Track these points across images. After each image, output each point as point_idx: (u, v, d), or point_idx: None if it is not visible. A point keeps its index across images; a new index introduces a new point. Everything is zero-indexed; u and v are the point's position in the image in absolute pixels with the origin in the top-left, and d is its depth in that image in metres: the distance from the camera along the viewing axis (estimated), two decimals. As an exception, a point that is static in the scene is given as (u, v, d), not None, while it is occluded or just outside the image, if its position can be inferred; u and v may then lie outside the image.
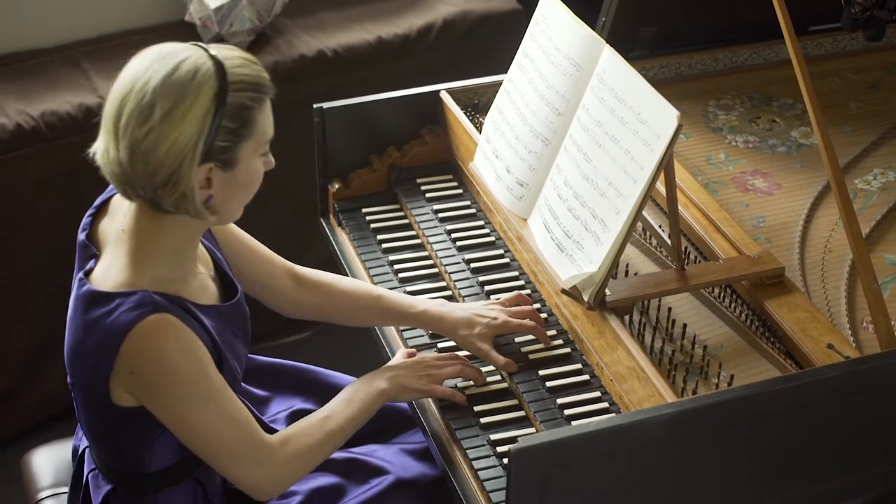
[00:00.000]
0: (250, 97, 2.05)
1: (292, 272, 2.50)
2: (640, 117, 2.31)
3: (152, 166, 2.01)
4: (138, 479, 2.25)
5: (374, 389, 2.35)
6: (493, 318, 2.44)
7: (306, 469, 2.28)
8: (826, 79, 3.20)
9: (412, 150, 2.95)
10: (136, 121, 2.00)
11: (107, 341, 2.06)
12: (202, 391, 2.11)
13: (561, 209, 2.47)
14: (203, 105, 2.00)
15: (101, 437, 2.24)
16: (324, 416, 2.31)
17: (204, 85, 2.00)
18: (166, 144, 1.99)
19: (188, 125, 1.99)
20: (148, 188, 2.04)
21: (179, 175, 2.02)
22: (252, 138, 2.08)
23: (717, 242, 2.55)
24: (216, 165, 2.05)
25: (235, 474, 2.21)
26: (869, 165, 2.91)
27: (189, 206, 2.06)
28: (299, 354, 3.79)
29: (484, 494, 2.22)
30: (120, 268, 2.11)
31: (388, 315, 2.52)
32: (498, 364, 2.40)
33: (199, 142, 2.01)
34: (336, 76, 3.73)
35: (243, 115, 2.05)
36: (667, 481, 2.17)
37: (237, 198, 2.14)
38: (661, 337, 2.43)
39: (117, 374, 2.08)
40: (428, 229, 2.79)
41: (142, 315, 2.05)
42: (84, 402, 2.19)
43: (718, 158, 2.92)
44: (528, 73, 2.66)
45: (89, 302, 2.09)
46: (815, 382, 2.16)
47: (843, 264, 2.59)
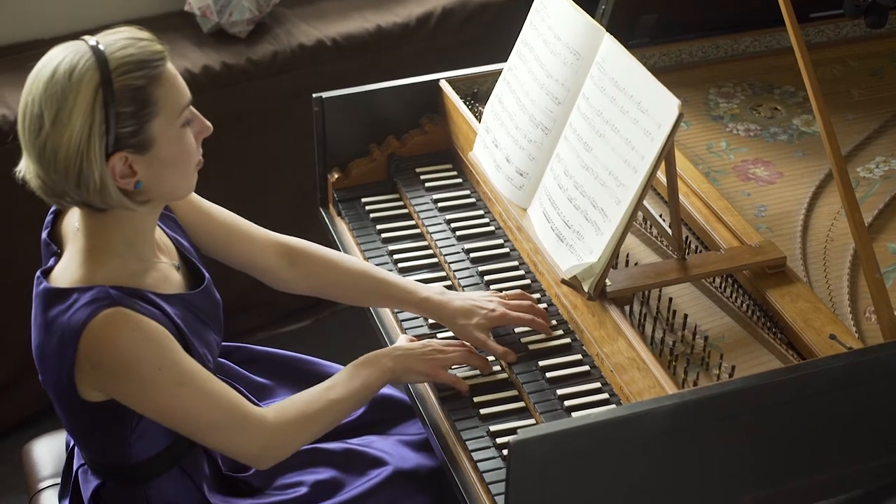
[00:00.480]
0: (139, 76, 2.02)
1: (284, 249, 2.47)
2: (641, 106, 2.30)
3: (61, 171, 2.01)
4: (124, 471, 2.25)
5: (379, 366, 2.33)
6: (491, 310, 2.43)
7: (305, 436, 2.27)
8: (828, 66, 3.18)
9: (412, 140, 2.94)
10: (33, 133, 2.01)
11: (64, 339, 2.06)
12: (171, 376, 2.09)
13: (561, 199, 2.46)
14: (85, 100, 1.98)
15: (80, 433, 2.24)
16: (326, 387, 2.30)
17: (83, 80, 1.99)
18: (63, 147, 1.99)
19: (75, 122, 1.98)
20: (71, 193, 2.04)
21: (85, 172, 2.01)
22: (159, 115, 2.05)
23: (718, 232, 2.53)
24: (129, 152, 2.04)
25: (226, 447, 2.21)
26: (871, 153, 2.89)
27: (110, 200, 2.05)
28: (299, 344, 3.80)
29: (483, 486, 2.21)
30: (77, 265, 2.11)
31: (388, 300, 2.51)
32: (496, 353, 2.39)
33: (93, 135, 1.99)
34: (335, 65, 3.72)
35: (138, 95, 2.02)
36: (668, 473, 2.15)
37: (172, 174, 2.11)
38: (662, 327, 2.41)
39: (80, 371, 2.08)
40: (427, 219, 2.77)
41: (96, 311, 2.04)
42: (57, 400, 2.18)
43: (719, 147, 2.90)
44: (528, 62, 2.64)
45: (47, 300, 2.10)
46: (817, 374, 2.14)
47: (846, 254, 2.58)
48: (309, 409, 2.26)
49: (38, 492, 2.55)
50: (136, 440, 2.20)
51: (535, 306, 2.46)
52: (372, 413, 2.53)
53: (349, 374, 2.32)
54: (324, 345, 3.80)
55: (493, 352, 2.40)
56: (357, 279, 2.49)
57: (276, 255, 2.47)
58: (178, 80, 2.10)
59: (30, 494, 2.57)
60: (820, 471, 2.29)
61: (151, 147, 2.06)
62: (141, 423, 2.17)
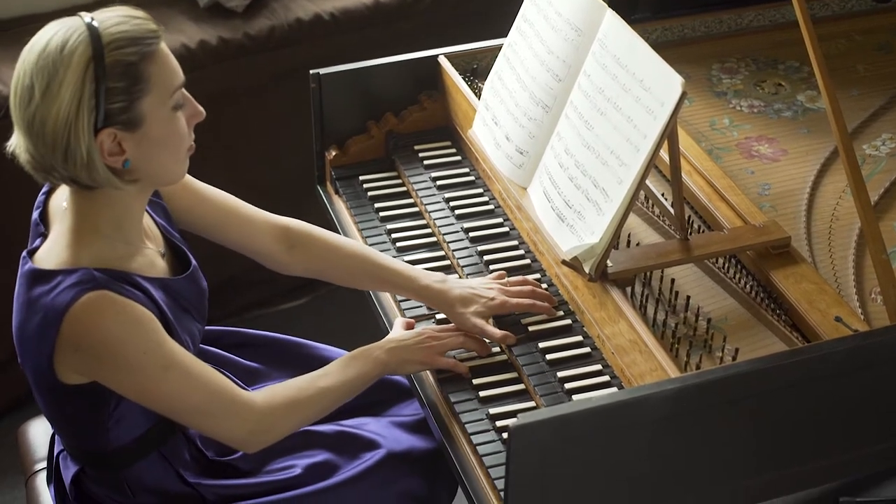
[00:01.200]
0: (130, 52, 1.99)
1: (283, 232, 2.45)
2: (643, 84, 2.25)
3: (49, 144, 1.99)
4: (102, 456, 2.22)
5: (372, 359, 2.31)
6: (490, 299, 2.39)
7: (294, 422, 2.25)
8: (833, 41, 3.14)
9: (410, 117, 2.90)
10: (24, 104, 1.99)
11: (46, 320, 2.04)
12: (156, 360, 2.07)
13: (562, 178, 2.42)
14: (76, 72, 1.96)
15: (58, 417, 2.22)
16: (318, 375, 2.28)
17: (74, 53, 1.97)
18: (52, 119, 1.97)
19: (65, 94, 1.96)
20: (58, 167, 2.02)
21: (73, 146, 1.98)
22: (151, 93, 2.02)
23: (721, 211, 2.49)
24: (118, 129, 2.01)
25: (217, 432, 2.19)
26: (877, 130, 2.86)
27: (97, 176, 2.02)
28: (295, 322, 3.78)
29: (483, 469, 2.19)
30: (63, 246, 2.09)
31: (387, 286, 2.49)
32: (495, 338, 2.36)
33: (82, 108, 1.97)
34: (333, 40, 3.68)
35: (130, 71, 1.99)
36: (670, 457, 2.13)
37: (161, 156, 2.08)
38: (664, 309, 2.38)
39: (61, 354, 2.05)
40: (426, 197, 2.74)
41: (79, 293, 2.02)
42: (35, 383, 2.15)
43: (722, 124, 2.86)
44: (528, 38, 2.60)
45: (31, 280, 2.07)
46: (822, 357, 2.12)
47: (851, 233, 2.54)
48: (300, 395, 2.23)
49: (33, 473, 2.52)
50: (115, 425, 2.17)
51: (537, 290, 2.42)
52: (366, 394, 2.49)
53: (344, 364, 2.30)
54: (320, 323, 3.78)
55: (492, 337, 2.37)
56: (356, 264, 2.47)
57: (274, 239, 2.44)
58: (172, 60, 2.07)
59: (26, 476, 2.54)
60: (824, 455, 2.27)
61: (141, 125, 2.03)
62: (119, 408, 2.15)
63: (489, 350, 2.37)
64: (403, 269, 2.46)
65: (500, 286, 2.42)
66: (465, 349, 2.37)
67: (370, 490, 2.37)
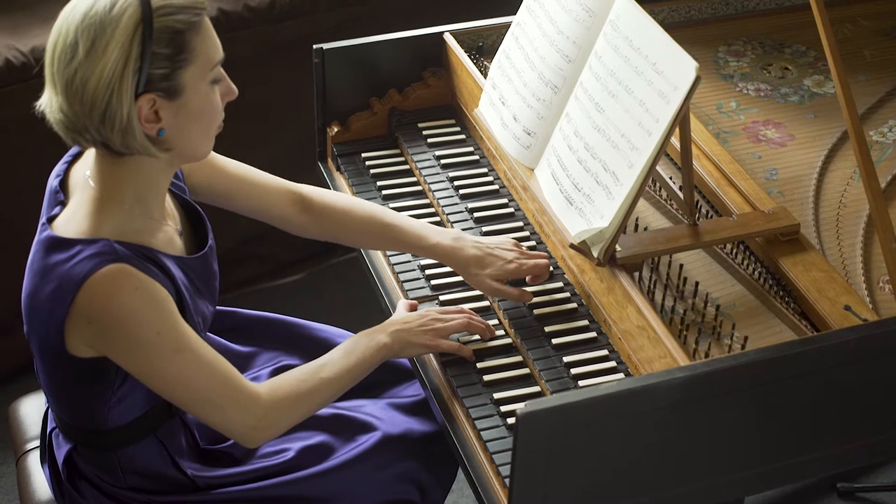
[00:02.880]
0: (179, 20, 1.98)
1: (298, 197, 2.45)
2: (656, 67, 2.23)
3: (87, 104, 1.96)
4: (98, 435, 2.20)
5: (374, 343, 2.28)
6: (508, 261, 2.37)
7: (298, 415, 2.22)
8: (839, 25, 3.12)
9: (414, 94, 2.87)
10: (64, 62, 1.96)
11: (61, 289, 2.01)
12: (169, 341, 2.05)
13: (570, 160, 2.39)
14: (124, 34, 1.94)
15: (59, 391, 2.19)
16: (319, 365, 2.25)
17: (123, 15, 1.94)
18: (94, 79, 1.95)
19: (111, 54, 1.94)
20: (92, 129, 1.99)
21: (113, 108, 1.96)
22: (193, 63, 2.01)
23: (730, 197, 2.47)
24: (158, 95, 1.99)
25: (220, 422, 2.16)
26: (884, 116, 2.84)
27: (134, 143, 2.00)
28: (292, 297, 3.76)
29: (486, 454, 2.17)
30: (84, 215, 2.06)
31: (398, 245, 2.47)
32: (513, 297, 2.34)
33: (127, 70, 1.95)
34: (335, 13, 3.65)
35: (176, 39, 1.98)
36: (677, 445, 2.11)
37: (193, 129, 2.07)
38: (673, 295, 2.36)
39: (74, 324, 2.03)
40: (429, 176, 2.71)
41: (99, 264, 2.00)
42: (40, 353, 2.13)
43: (729, 107, 2.84)
44: (538, 18, 2.57)
45: (49, 247, 2.05)
46: (832, 346, 2.10)
47: (859, 220, 2.52)
48: (302, 387, 2.21)
49: (25, 452, 2.49)
50: (116, 403, 2.15)
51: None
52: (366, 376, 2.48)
53: (344, 351, 2.27)
54: (317, 299, 3.76)
55: (510, 296, 2.35)
56: (367, 224, 2.46)
57: (290, 203, 2.45)
58: (214, 34, 2.06)
59: (17, 454, 2.51)
60: (831, 443, 2.25)
61: (180, 95, 2.01)
62: (123, 386, 2.13)
63: (493, 333, 2.35)
64: (413, 228, 2.44)
65: (518, 249, 2.40)
66: (470, 332, 2.34)
67: (366, 473, 2.35)
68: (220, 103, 2.09)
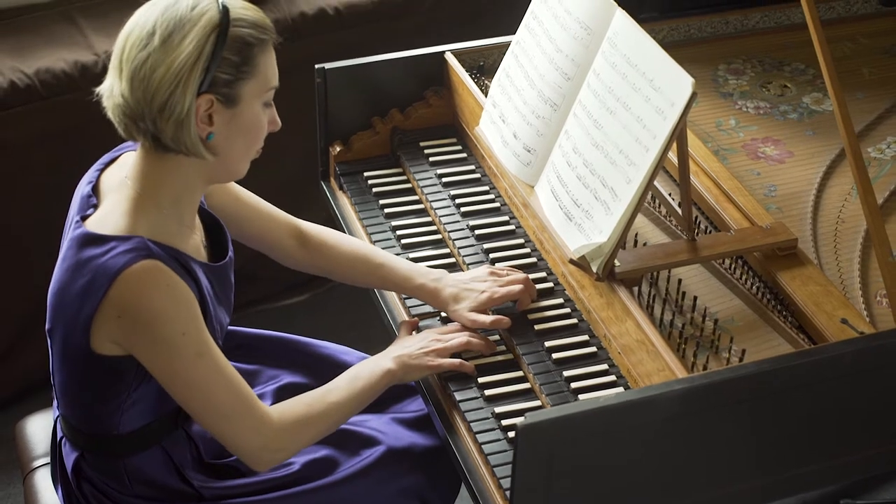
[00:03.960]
0: (251, 34, 2.08)
1: (297, 231, 2.50)
2: (653, 84, 2.25)
3: (150, 91, 2.03)
4: (106, 441, 2.22)
5: (379, 369, 2.31)
6: (480, 292, 2.40)
7: (306, 439, 2.25)
8: (838, 43, 3.14)
9: (416, 113, 2.89)
10: (137, 48, 2.04)
11: (95, 282, 2.05)
12: (193, 343, 2.08)
13: (570, 177, 2.41)
14: (201, 32, 2.03)
15: (75, 391, 2.21)
16: (326, 390, 2.28)
17: (204, 16, 2.04)
18: (163, 67, 2.02)
19: (185, 49, 2.02)
20: (147, 118, 2.05)
21: (176, 99, 2.03)
22: (255, 79, 2.10)
23: (728, 212, 2.49)
24: (217, 99, 2.06)
25: (230, 437, 2.17)
26: (882, 133, 2.86)
27: (186, 139, 2.06)
28: (294, 319, 3.77)
29: (487, 468, 2.18)
30: (120, 213, 2.11)
31: (386, 284, 2.51)
32: (486, 324, 2.37)
33: (197, 67, 2.03)
34: (337, 34, 3.66)
35: (245, 51, 2.07)
36: (676, 457, 2.12)
37: (238, 142, 2.13)
38: (671, 309, 2.38)
39: (103, 318, 2.06)
40: (431, 194, 2.73)
41: (134, 259, 2.04)
42: (62, 349, 2.15)
43: (728, 125, 2.86)
44: (537, 36, 2.60)
45: (83, 243, 2.09)
46: (829, 359, 2.11)
47: (857, 235, 2.54)
48: (310, 412, 2.24)
49: (31, 470, 2.50)
50: (130, 406, 2.17)
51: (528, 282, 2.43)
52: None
53: (351, 377, 2.30)
54: (320, 320, 3.77)
55: (484, 324, 2.38)
56: (356, 263, 2.51)
57: (290, 237, 2.50)
58: (275, 61, 2.16)
59: (23, 473, 2.52)
60: (829, 456, 2.27)
61: (236, 105, 2.09)
62: (138, 390, 2.15)
63: (494, 348, 2.37)
64: (400, 269, 2.48)
65: (493, 278, 2.43)
66: (470, 350, 2.36)
67: (370, 487, 2.37)
68: (265, 127, 2.17)
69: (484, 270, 2.46)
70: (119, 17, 3.51)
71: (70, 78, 3.32)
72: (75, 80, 3.32)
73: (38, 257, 3.47)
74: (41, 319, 3.49)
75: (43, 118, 3.32)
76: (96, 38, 3.44)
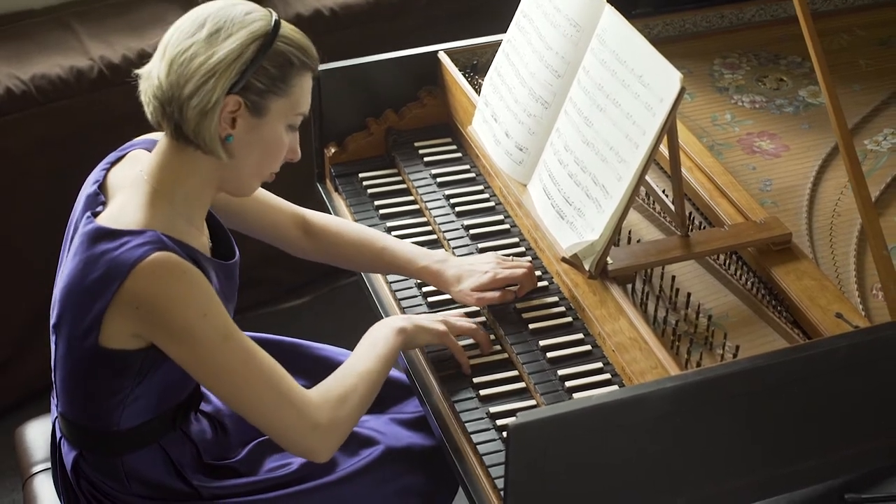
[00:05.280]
0: (294, 54, 2.12)
1: (302, 220, 2.53)
2: (642, 80, 2.24)
3: (184, 77, 2.07)
4: (105, 438, 2.22)
5: (390, 330, 2.31)
6: (483, 272, 2.41)
7: (355, 413, 2.22)
8: (835, 35, 3.13)
9: (410, 113, 2.89)
10: (183, 35, 2.09)
11: (109, 275, 2.06)
12: (216, 327, 2.08)
13: (561, 175, 2.41)
14: (247, 35, 2.08)
15: (77, 387, 2.20)
16: (351, 363, 2.27)
17: (252, 23, 2.09)
18: (202, 57, 2.06)
19: (228, 46, 2.06)
20: (175, 103, 2.08)
21: (206, 89, 2.06)
22: (287, 98, 2.13)
23: (722, 208, 2.48)
24: (245, 104, 2.09)
25: (274, 426, 2.15)
26: (879, 125, 2.84)
27: (206, 132, 2.08)
28: (296, 322, 3.77)
29: (483, 468, 2.18)
30: (134, 208, 2.12)
31: (390, 268, 2.53)
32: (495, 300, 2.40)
33: (234, 66, 2.07)
34: (332, 35, 3.66)
35: (285, 68, 2.11)
36: (670, 455, 2.12)
37: (254, 155, 2.15)
38: (665, 306, 2.37)
39: (117, 311, 2.07)
40: (426, 194, 2.72)
41: (149, 251, 2.05)
42: (67, 344, 2.15)
43: (724, 119, 2.85)
44: (527, 34, 2.59)
45: (95, 238, 2.10)
46: (823, 353, 2.10)
47: (853, 229, 2.53)
48: (346, 384, 2.22)
49: (31, 476, 2.50)
50: (133, 402, 2.17)
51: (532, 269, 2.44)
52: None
53: (369, 343, 2.30)
54: (321, 322, 3.77)
55: (492, 300, 2.39)
56: (362, 249, 2.53)
57: (294, 226, 2.53)
58: (310, 91, 2.20)
59: (23, 478, 2.52)
60: (825, 451, 2.26)
61: (262, 117, 2.12)
62: (141, 385, 2.15)
63: (491, 348, 2.37)
64: (404, 252, 2.50)
65: (498, 262, 2.44)
66: (475, 340, 2.36)
67: (369, 486, 2.36)
68: (285, 149, 2.18)
69: (490, 255, 2.47)
70: (114, 22, 3.54)
71: (66, 84, 3.32)
72: (71, 86, 3.32)
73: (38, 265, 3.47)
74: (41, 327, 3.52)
75: (40, 124, 3.32)
76: (92, 43, 3.43)
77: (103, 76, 3.34)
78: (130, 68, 3.32)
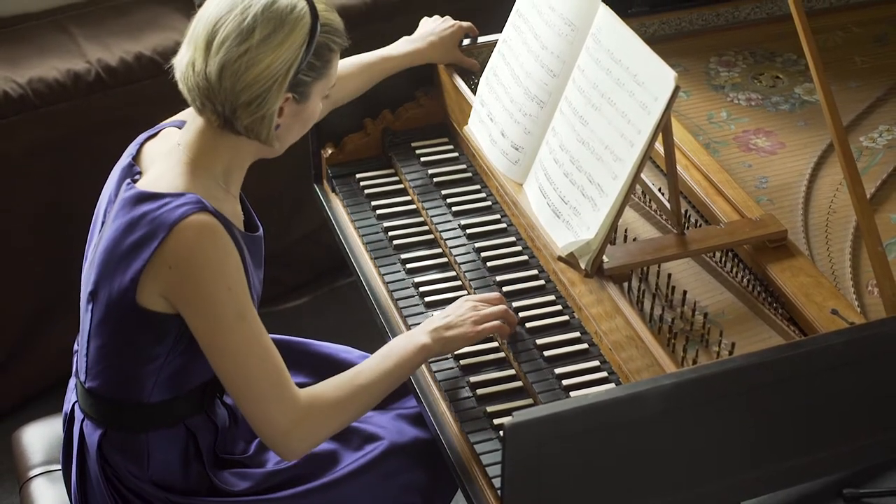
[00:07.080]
0: (333, 40, 2.19)
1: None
2: (637, 79, 2.25)
3: (240, 85, 2.11)
4: (134, 411, 2.24)
5: (412, 345, 2.27)
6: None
7: (335, 425, 2.22)
8: (830, 33, 3.13)
9: (407, 113, 2.89)
10: (235, 40, 2.10)
11: (151, 233, 2.10)
12: (235, 303, 2.11)
13: (557, 174, 2.41)
14: (299, 37, 2.13)
15: (112, 353, 2.22)
16: (355, 373, 2.25)
17: (301, 20, 2.13)
18: (260, 67, 2.10)
19: (284, 53, 2.12)
20: (227, 106, 2.12)
21: (266, 98, 2.12)
22: (325, 79, 2.21)
23: (718, 205, 2.48)
24: (293, 96, 2.16)
25: (255, 413, 2.16)
26: (874, 122, 2.85)
27: (263, 131, 2.16)
28: (297, 321, 3.78)
29: (480, 467, 2.18)
30: (174, 175, 2.17)
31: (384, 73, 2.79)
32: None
33: (290, 71, 2.13)
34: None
35: (325, 55, 2.18)
36: (667, 452, 2.12)
37: (294, 130, 2.24)
38: (661, 304, 2.37)
39: (154, 270, 2.10)
40: (423, 194, 2.73)
41: (191, 210, 2.10)
42: (105, 308, 2.18)
43: (720, 117, 2.86)
44: (523, 34, 2.59)
45: (137, 201, 2.14)
46: (819, 350, 2.11)
47: (848, 225, 2.53)
48: (340, 395, 2.21)
49: (28, 479, 2.51)
50: (164, 373, 2.20)
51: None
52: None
53: (382, 356, 2.26)
54: (321, 322, 3.77)
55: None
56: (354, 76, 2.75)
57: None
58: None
59: (20, 482, 2.53)
60: (822, 447, 2.26)
61: (306, 101, 2.20)
62: (175, 355, 2.18)
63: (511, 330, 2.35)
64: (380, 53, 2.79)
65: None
66: (506, 321, 2.33)
67: (373, 482, 2.37)
68: (318, 114, 2.28)
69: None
70: (112, 25, 3.55)
71: (63, 87, 3.33)
72: (68, 89, 3.32)
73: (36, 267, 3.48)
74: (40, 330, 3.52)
75: (37, 127, 3.33)
76: (89, 46, 3.44)
77: (100, 79, 3.35)
78: (128, 72, 3.36)
